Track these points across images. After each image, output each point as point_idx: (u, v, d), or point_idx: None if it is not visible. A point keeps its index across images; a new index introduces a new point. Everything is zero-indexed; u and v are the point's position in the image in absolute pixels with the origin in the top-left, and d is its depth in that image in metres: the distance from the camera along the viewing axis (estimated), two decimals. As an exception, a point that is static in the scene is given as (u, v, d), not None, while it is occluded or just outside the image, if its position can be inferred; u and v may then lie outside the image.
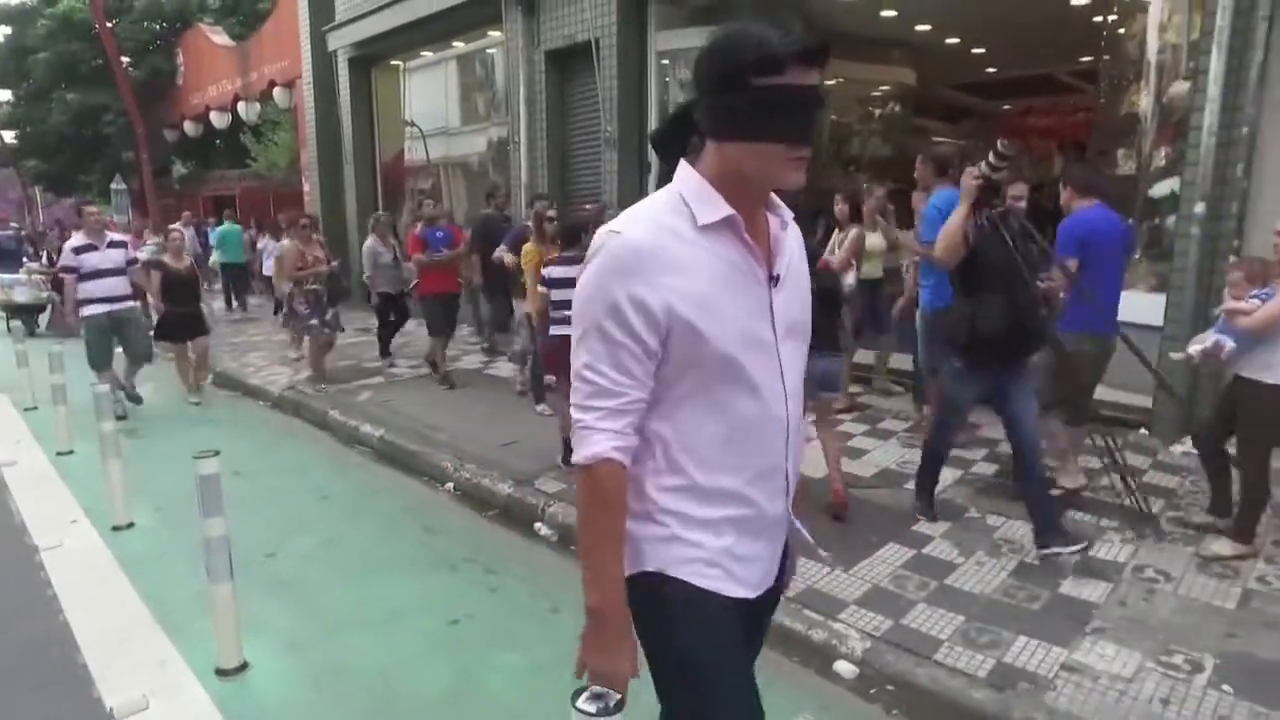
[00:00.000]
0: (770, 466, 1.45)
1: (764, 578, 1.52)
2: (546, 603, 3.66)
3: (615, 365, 1.32)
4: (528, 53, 9.11)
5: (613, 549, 1.37)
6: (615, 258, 1.31)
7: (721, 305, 1.33)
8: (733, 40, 1.29)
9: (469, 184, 11.69)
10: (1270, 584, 3.53)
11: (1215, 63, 4.76)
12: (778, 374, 1.42)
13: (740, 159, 1.32)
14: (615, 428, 1.33)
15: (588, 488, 1.36)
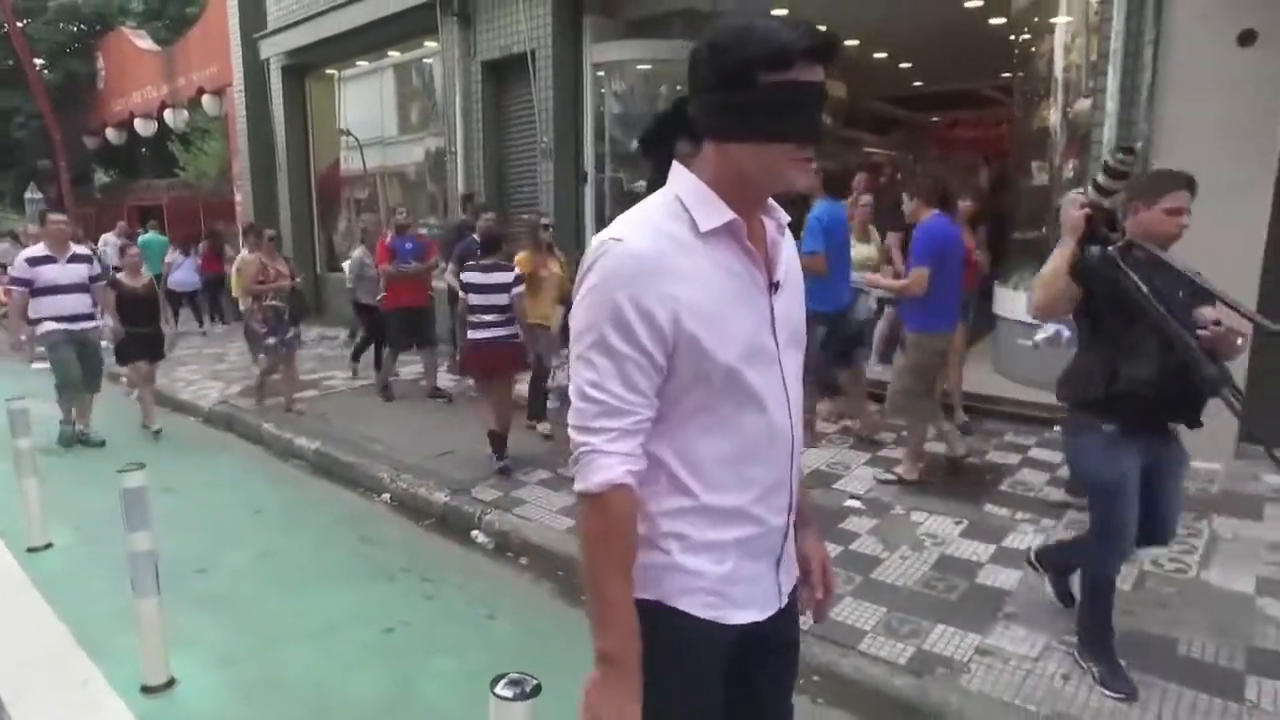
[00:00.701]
0: (776, 481, 1.38)
1: (771, 597, 1.43)
2: (483, 609, 3.69)
3: (624, 381, 1.23)
4: (464, 63, 9.12)
5: (625, 585, 1.26)
6: (617, 266, 1.22)
7: (726, 316, 1.27)
8: (738, 35, 1.21)
9: (406, 194, 11.61)
10: (1162, 566, 3.77)
11: (1111, 82, 5.08)
12: (781, 384, 1.35)
13: (744, 160, 1.25)
14: (627, 450, 1.24)
15: (599, 517, 1.24)
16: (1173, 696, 2.83)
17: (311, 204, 12.95)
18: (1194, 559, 3.84)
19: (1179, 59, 4.98)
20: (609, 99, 8.67)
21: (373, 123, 11.93)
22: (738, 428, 1.31)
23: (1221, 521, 4.22)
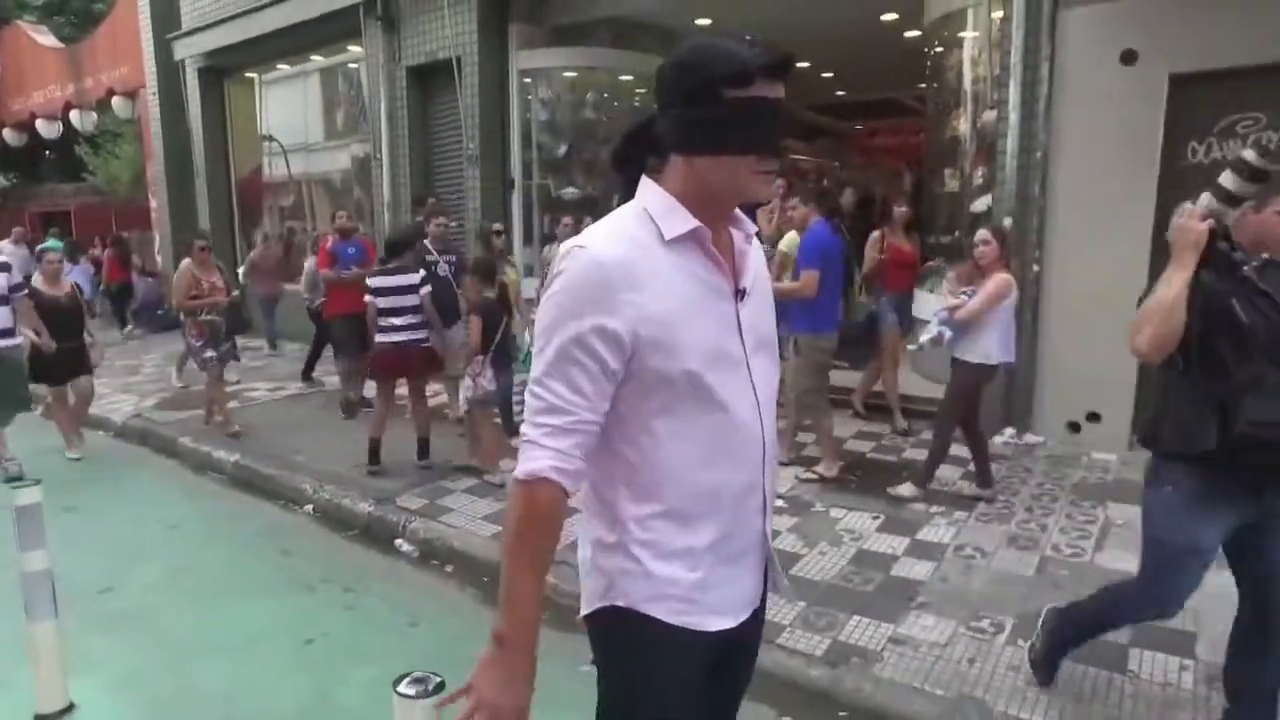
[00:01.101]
0: (748, 484, 1.39)
1: (746, 603, 1.45)
2: (405, 617, 3.66)
3: (568, 383, 1.26)
4: (389, 69, 9.01)
5: (534, 575, 1.29)
6: (582, 273, 1.26)
7: (690, 321, 1.29)
8: (701, 54, 1.27)
9: (333, 201, 11.38)
10: (1061, 551, 3.99)
11: (1013, 94, 5.36)
12: (749, 388, 1.37)
13: (709, 172, 1.30)
14: (559, 447, 1.26)
15: (520, 505, 1.28)
16: (1065, 672, 3.00)
17: (233, 211, 12.57)
18: (1089, 543, 4.07)
19: (1072, 75, 5.28)
20: (536, 106, 8.69)
21: (296, 128, 11.66)
22: (704, 430, 1.32)
23: (1115, 508, 4.48)
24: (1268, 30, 4.67)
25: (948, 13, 6.44)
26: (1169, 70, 4.99)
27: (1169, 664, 3.06)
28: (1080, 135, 5.29)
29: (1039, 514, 4.45)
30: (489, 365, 4.98)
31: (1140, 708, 2.82)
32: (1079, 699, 2.87)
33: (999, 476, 5.04)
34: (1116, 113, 5.15)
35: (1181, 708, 2.81)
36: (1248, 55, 4.77)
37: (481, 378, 4.96)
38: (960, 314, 4.42)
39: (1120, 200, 5.20)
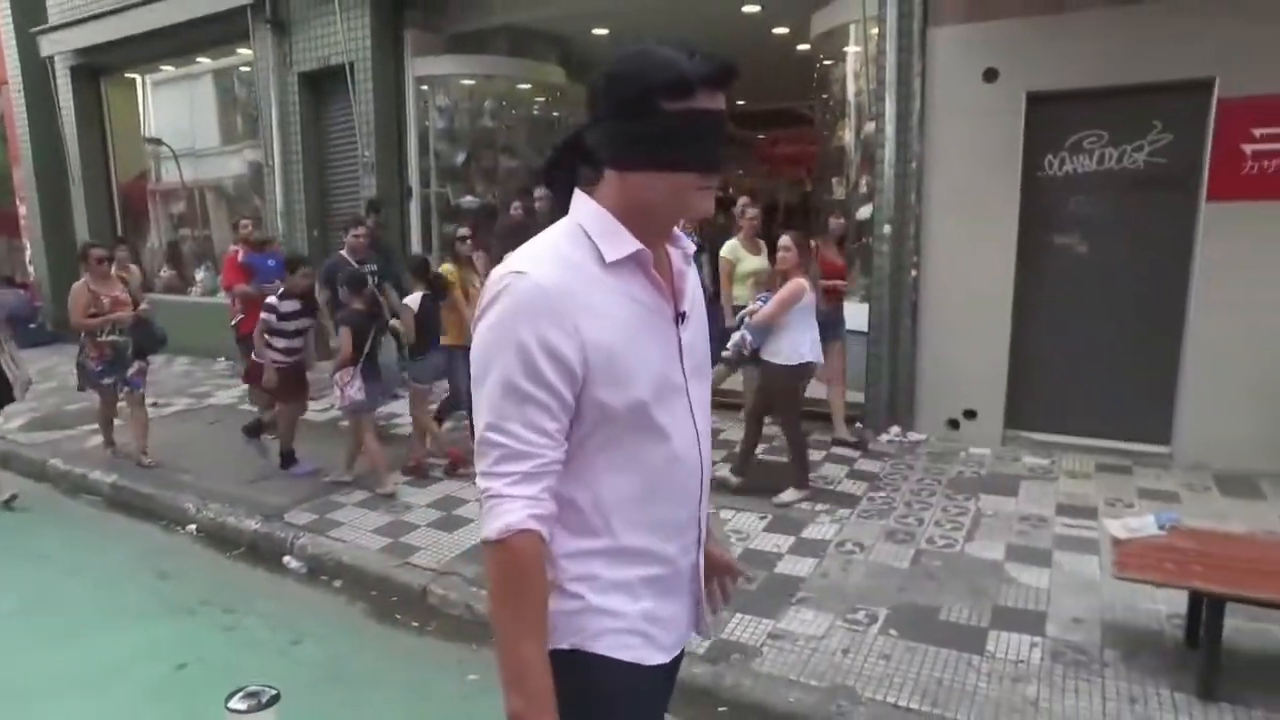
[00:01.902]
0: (688, 518, 1.33)
1: (680, 639, 1.39)
2: (288, 635, 3.58)
3: (526, 423, 1.15)
4: (280, 73, 8.74)
5: (536, 637, 1.16)
6: (522, 301, 1.16)
7: (636, 349, 1.22)
8: (639, 63, 1.18)
9: (230, 209, 10.92)
10: (935, 543, 4.21)
11: (889, 108, 5.62)
12: (689, 416, 1.31)
13: (647, 189, 1.21)
14: (531, 494, 1.16)
15: (504, 565, 1.15)
16: (930, 657, 3.18)
17: (115, 218, 11.91)
18: (960, 534, 4.30)
19: (941, 90, 5.58)
20: (433, 113, 8.60)
21: (184, 132, 11.16)
22: (646, 463, 1.25)
23: (986, 500, 4.75)
24: (1109, 56, 5.06)
25: (831, 29, 6.71)
26: (1026, 88, 5.34)
27: (1021, 643, 3.27)
28: (951, 147, 5.60)
29: (917, 508, 4.68)
30: (358, 376, 4.95)
31: (993, 684, 3.01)
32: (939, 681, 3.04)
33: (883, 474, 5.28)
34: (982, 126, 5.47)
35: (1029, 681, 3.01)
36: (1093, 78, 5.16)
37: (350, 388, 4.92)
38: (755, 318, 4.74)
39: (988, 208, 5.52)
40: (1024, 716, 2.83)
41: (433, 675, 3.33)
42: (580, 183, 1.27)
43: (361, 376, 4.96)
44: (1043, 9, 5.25)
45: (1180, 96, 5.01)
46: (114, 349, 5.69)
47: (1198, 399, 5.18)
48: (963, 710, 2.87)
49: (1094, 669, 3.08)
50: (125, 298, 5.82)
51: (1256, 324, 4.93)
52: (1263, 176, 4.82)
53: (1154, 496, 4.74)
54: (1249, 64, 4.76)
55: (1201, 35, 4.83)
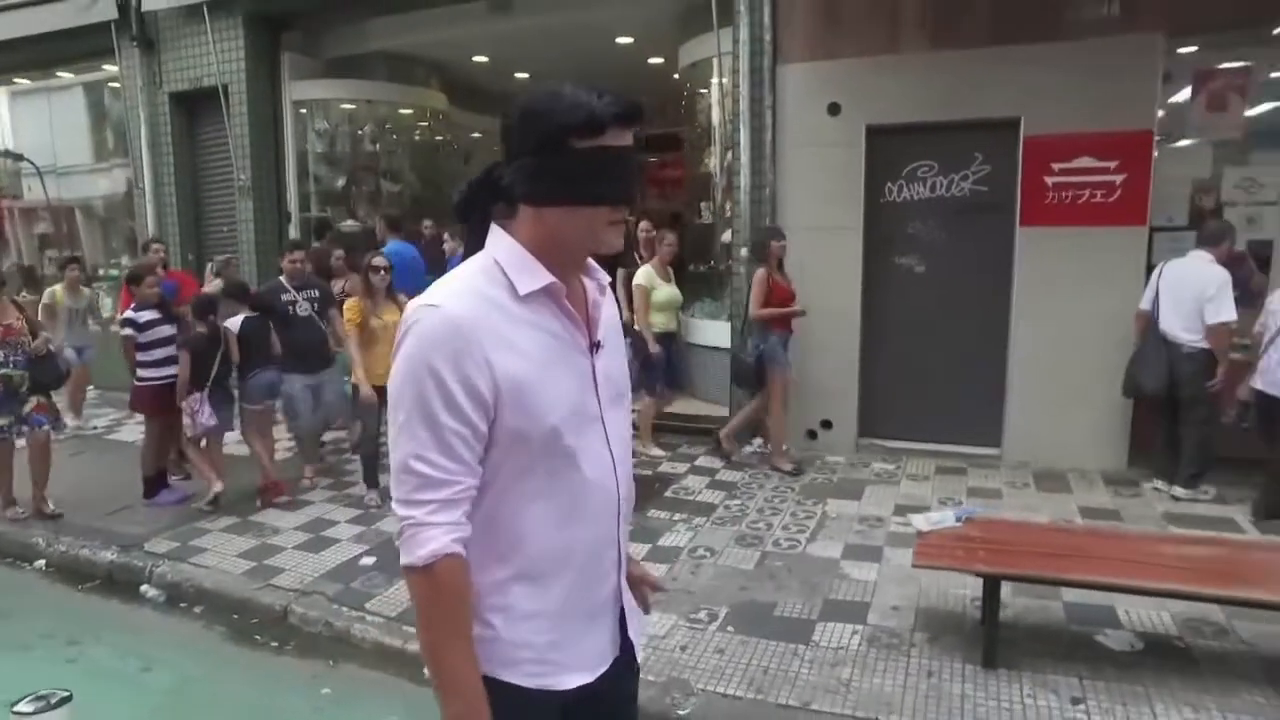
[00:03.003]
0: (605, 541, 1.37)
1: (602, 656, 1.42)
2: (138, 663, 3.57)
3: (444, 452, 1.20)
4: (149, 93, 8.53)
5: (466, 650, 1.24)
6: (434, 334, 1.20)
7: (548, 379, 1.26)
8: (550, 103, 1.23)
9: (104, 230, 10.49)
10: (781, 545, 4.52)
11: (744, 137, 6.00)
12: (605, 443, 1.35)
13: (560, 223, 1.26)
14: (451, 519, 1.21)
15: (430, 589, 1.21)
16: (761, 649, 3.45)
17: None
18: (804, 536, 4.63)
19: (791, 122, 6.00)
20: (312, 137, 8.56)
21: (46, 147, 10.63)
22: (560, 491, 1.29)
23: (832, 504, 5.11)
24: (936, 95, 5.57)
25: (695, 61, 7.10)
26: (866, 122, 5.81)
27: (844, 631, 3.58)
28: (801, 175, 6.02)
29: (768, 514, 4.99)
30: (205, 402, 4.99)
31: (814, 670, 3.29)
32: (766, 670, 3.30)
33: (740, 483, 5.59)
34: (828, 156, 5.91)
35: (845, 665, 3.31)
36: (923, 113, 5.67)
37: (200, 414, 4.96)
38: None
39: (837, 231, 5.95)
40: (837, 696, 3.12)
41: (285, 693, 3.40)
42: (494, 218, 1.33)
43: (210, 401, 4.98)
44: (878, 51, 5.74)
45: (995, 133, 5.57)
46: (5, 384, 4.99)
47: (1021, 405, 5.71)
48: (784, 694, 3.14)
49: (903, 650, 3.41)
50: (19, 324, 5.16)
51: (1066, 336, 5.50)
52: (1061, 206, 5.41)
53: (980, 494, 5.21)
54: (1046, 107, 5.34)
55: (1009, 80, 5.39)
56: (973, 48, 5.48)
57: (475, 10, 7.54)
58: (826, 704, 3.07)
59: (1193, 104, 5.44)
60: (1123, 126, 5.22)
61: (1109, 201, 5.33)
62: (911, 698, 3.08)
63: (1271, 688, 3.03)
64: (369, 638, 3.74)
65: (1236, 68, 5.32)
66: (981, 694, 3.08)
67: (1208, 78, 5.39)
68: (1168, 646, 3.37)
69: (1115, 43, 5.16)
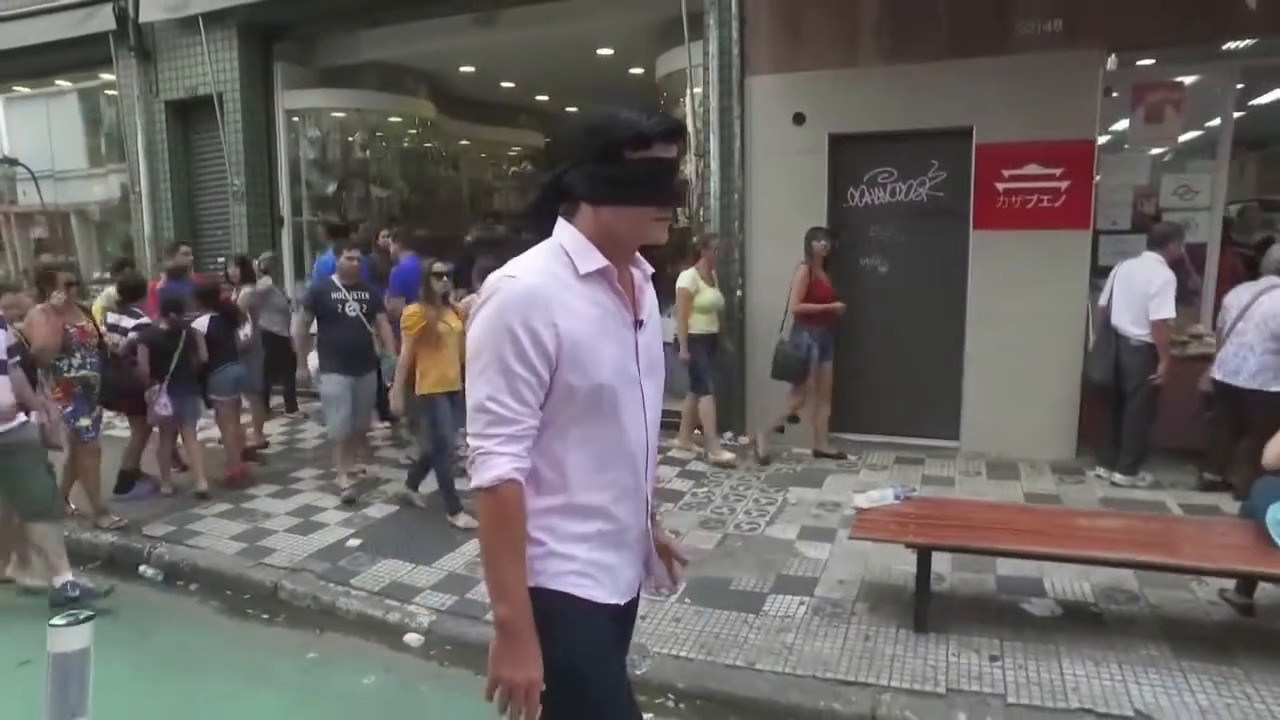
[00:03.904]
0: (633, 486, 1.60)
1: (629, 586, 1.67)
2: (138, 631, 3.85)
3: (514, 395, 1.44)
4: (146, 101, 8.82)
5: (516, 563, 1.47)
6: (511, 298, 1.45)
7: (598, 344, 1.49)
8: (608, 122, 1.48)
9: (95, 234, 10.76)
10: (741, 528, 4.82)
11: (714, 145, 6.33)
12: (640, 405, 1.59)
13: (614, 220, 1.51)
14: (514, 451, 1.45)
15: (492, 508, 1.46)
16: (715, 618, 3.74)
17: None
18: (765, 519, 4.93)
19: (759, 131, 6.33)
20: (305, 144, 8.86)
21: (43, 153, 10.90)
22: (601, 439, 1.53)
23: (795, 491, 5.42)
24: (894, 105, 5.90)
25: (670, 72, 7.42)
26: (828, 131, 6.14)
27: (792, 602, 3.88)
28: (769, 181, 6.34)
29: (732, 500, 5.29)
30: (164, 393, 5.28)
31: (761, 635, 3.59)
32: (717, 636, 3.60)
33: (709, 474, 5.89)
34: (794, 163, 6.24)
35: (790, 631, 3.61)
36: (882, 123, 6.00)
37: (157, 404, 5.27)
38: None
39: (803, 234, 6.25)
40: (779, 657, 3.42)
41: (274, 657, 3.69)
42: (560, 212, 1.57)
43: (169, 393, 5.28)
44: (840, 64, 6.06)
45: (950, 141, 5.89)
46: (83, 385, 4.86)
47: (977, 399, 6.03)
48: (731, 656, 3.44)
49: (844, 618, 3.72)
50: (91, 328, 5.01)
51: (1017, 333, 5.81)
52: (1011, 210, 5.74)
53: (935, 481, 5.52)
54: (996, 117, 5.67)
55: (961, 91, 5.71)
56: (927, 61, 5.80)
57: (461, 23, 7.86)
58: (769, 664, 3.37)
59: (1133, 116, 5.79)
60: (1066, 136, 5.55)
61: (1055, 206, 5.65)
62: (847, 659, 3.38)
63: (1168, 643, 3.35)
64: (353, 609, 4.04)
65: (1172, 83, 5.67)
66: (910, 654, 3.38)
67: (1146, 91, 5.74)
68: (1084, 612, 3.69)
69: (1059, 58, 5.49)
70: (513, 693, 1.45)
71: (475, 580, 4.16)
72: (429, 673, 3.57)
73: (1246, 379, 4.73)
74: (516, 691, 1.45)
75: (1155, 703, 2.97)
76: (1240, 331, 4.77)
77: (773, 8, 6.20)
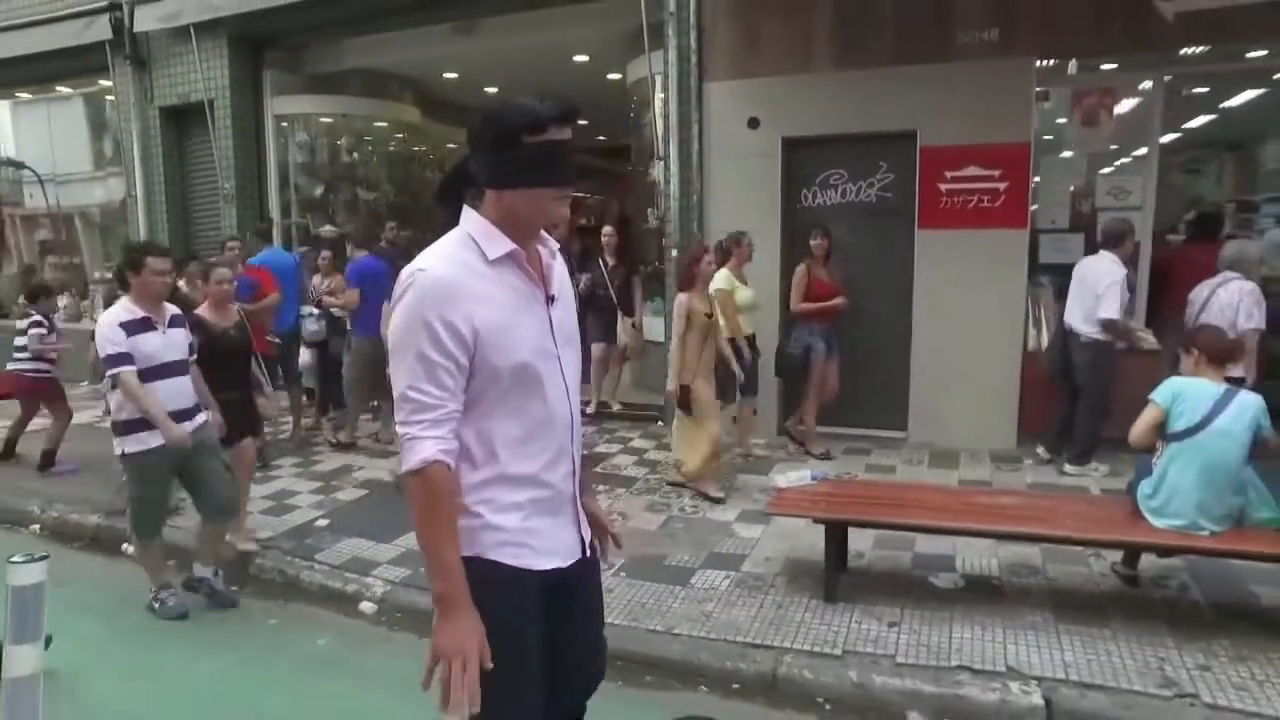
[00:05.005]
0: (559, 452, 1.70)
1: (569, 549, 1.76)
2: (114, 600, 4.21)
3: (434, 382, 1.52)
4: (141, 107, 9.19)
5: (450, 540, 1.55)
6: (425, 290, 1.53)
7: (513, 324, 1.59)
8: (506, 110, 1.57)
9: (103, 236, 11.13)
10: (685, 511, 5.12)
11: (673, 150, 6.63)
12: (560, 376, 1.69)
13: (517, 203, 1.60)
14: (438, 434, 1.53)
15: (421, 489, 1.53)
16: (644, 590, 4.03)
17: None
18: (708, 504, 5.21)
19: (716, 135, 6.62)
20: (293, 149, 9.20)
21: (46, 156, 11.28)
22: (525, 412, 1.63)
23: (741, 478, 5.70)
24: (844, 109, 6.19)
25: (639, 78, 7.70)
26: (782, 134, 6.43)
27: (717, 577, 4.17)
28: (725, 183, 6.63)
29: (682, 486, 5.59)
30: None
31: (684, 604, 3.87)
32: (643, 605, 3.89)
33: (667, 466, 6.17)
34: (749, 166, 6.53)
35: (711, 601, 3.90)
36: (833, 126, 6.29)
37: None
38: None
39: (758, 234, 6.49)
40: (697, 623, 3.71)
41: (238, 623, 4.03)
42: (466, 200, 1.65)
43: None
44: (791, 71, 6.35)
45: (896, 144, 6.17)
46: None
47: (923, 391, 6.31)
48: (654, 622, 3.73)
49: (763, 590, 4.00)
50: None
51: (960, 328, 6.09)
52: (953, 210, 6.01)
53: (877, 469, 5.81)
54: (939, 121, 5.95)
55: (906, 96, 5.99)
56: (875, 67, 6.08)
57: (443, 32, 8.18)
58: (687, 629, 3.66)
59: (1069, 120, 6.06)
60: (1004, 139, 5.82)
61: (994, 206, 5.93)
62: (758, 625, 3.66)
63: (1053, 611, 3.63)
64: (315, 581, 4.36)
65: (1104, 88, 5.94)
66: (817, 620, 3.67)
67: (1082, 97, 6.01)
68: (985, 584, 3.97)
69: (996, 65, 5.77)
70: (451, 664, 1.51)
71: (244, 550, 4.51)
72: (378, 636, 3.89)
73: None
74: (455, 662, 1.51)
75: (1026, 659, 3.26)
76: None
77: (729, 17, 6.49)
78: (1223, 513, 3.32)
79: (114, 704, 3.37)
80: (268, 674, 3.56)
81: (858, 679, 3.24)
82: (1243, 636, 3.36)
